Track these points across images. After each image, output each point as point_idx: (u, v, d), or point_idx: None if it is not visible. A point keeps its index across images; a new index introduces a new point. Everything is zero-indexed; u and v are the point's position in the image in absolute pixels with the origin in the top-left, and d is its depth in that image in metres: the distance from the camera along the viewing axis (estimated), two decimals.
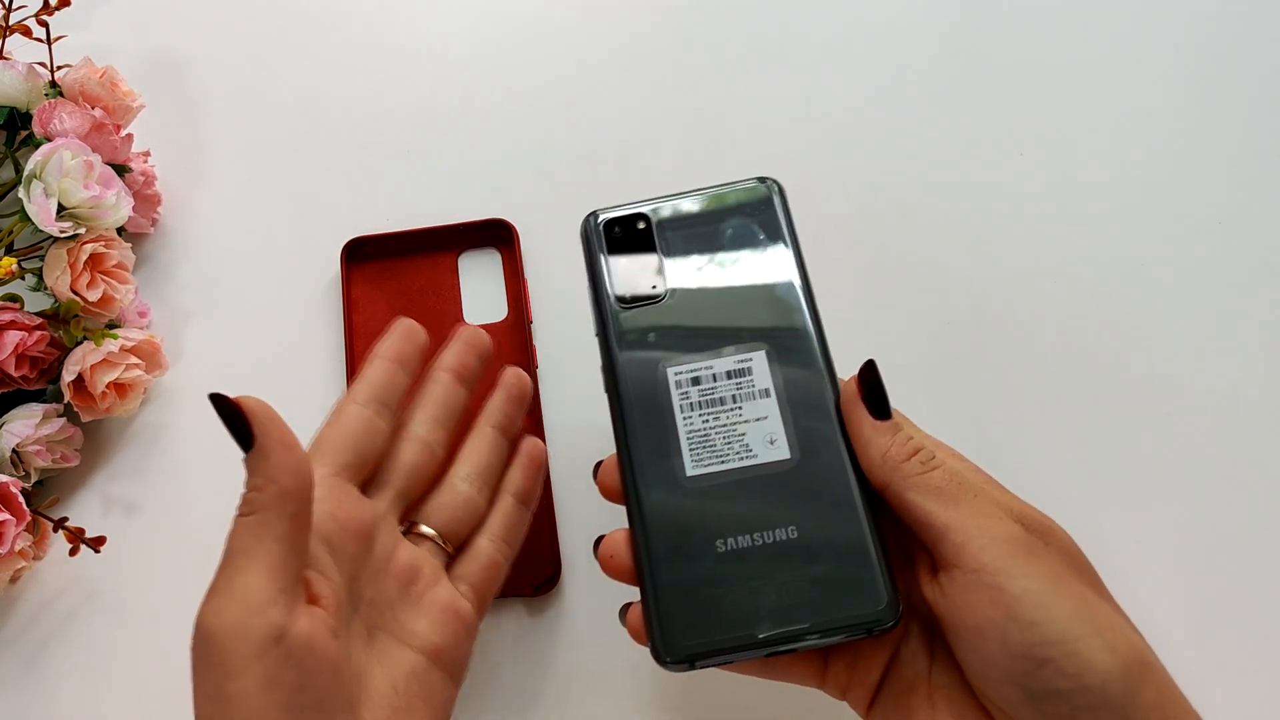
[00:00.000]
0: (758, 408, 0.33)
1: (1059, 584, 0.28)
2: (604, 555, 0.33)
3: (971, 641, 0.29)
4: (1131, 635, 0.28)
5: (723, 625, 0.30)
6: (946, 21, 0.56)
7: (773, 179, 0.37)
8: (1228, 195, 0.50)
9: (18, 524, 0.42)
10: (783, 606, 0.30)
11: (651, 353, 0.34)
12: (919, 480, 0.30)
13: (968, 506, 0.29)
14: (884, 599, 0.30)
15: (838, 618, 0.30)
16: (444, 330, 0.48)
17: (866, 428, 0.31)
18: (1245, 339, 0.47)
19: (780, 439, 0.32)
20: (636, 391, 0.34)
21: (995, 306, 0.48)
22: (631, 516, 0.32)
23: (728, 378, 0.34)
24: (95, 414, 0.46)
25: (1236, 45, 0.54)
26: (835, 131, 0.53)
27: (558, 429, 0.46)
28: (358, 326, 0.48)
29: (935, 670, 0.31)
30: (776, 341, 0.34)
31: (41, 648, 0.44)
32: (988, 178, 0.51)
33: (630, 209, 0.37)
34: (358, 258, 0.49)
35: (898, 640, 0.32)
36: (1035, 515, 0.31)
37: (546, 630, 0.43)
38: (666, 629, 0.30)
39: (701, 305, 0.35)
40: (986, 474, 0.32)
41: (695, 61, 0.55)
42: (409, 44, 0.57)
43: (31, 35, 0.48)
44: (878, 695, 0.32)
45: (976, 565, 0.28)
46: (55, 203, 0.44)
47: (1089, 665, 0.27)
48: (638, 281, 0.36)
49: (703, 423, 0.33)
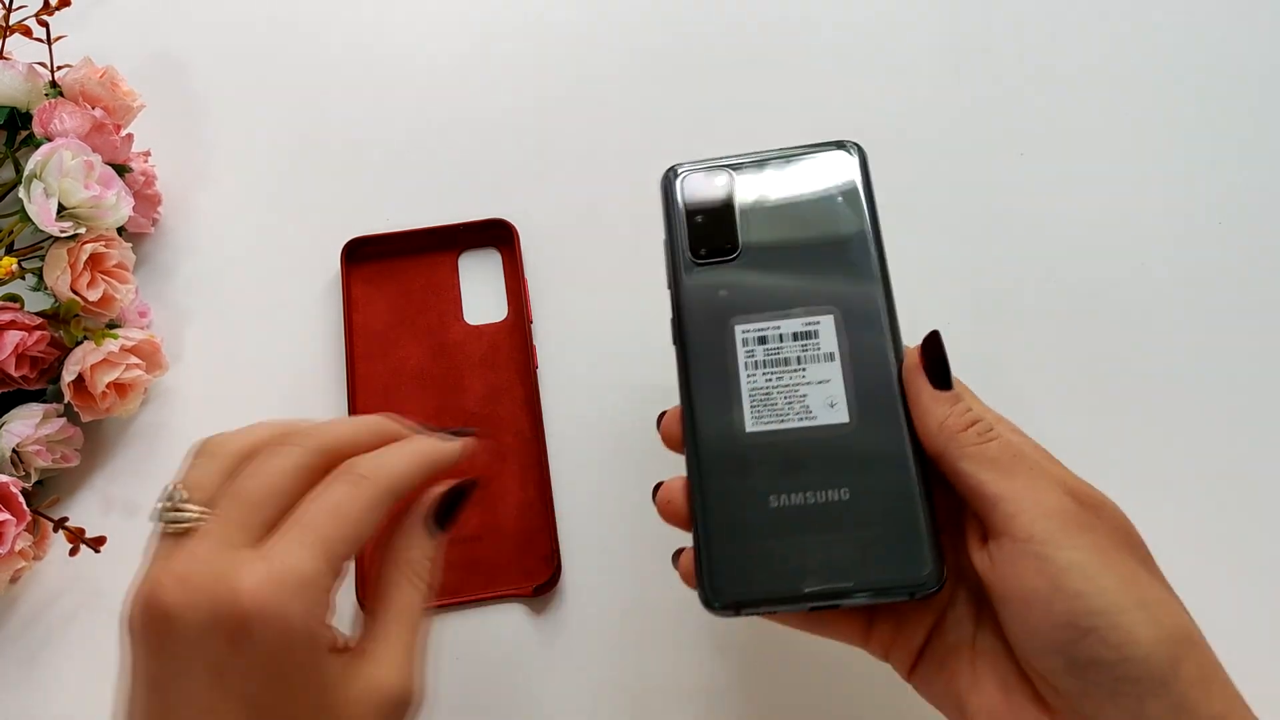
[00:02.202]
0: (821, 370, 0.33)
1: (1106, 557, 0.28)
2: (661, 501, 0.33)
3: (1017, 609, 0.29)
4: (1177, 610, 0.29)
5: (770, 577, 0.31)
6: (947, 22, 0.55)
7: (855, 142, 0.37)
8: (1228, 195, 0.50)
9: (18, 524, 0.42)
10: (829, 564, 0.31)
11: (721, 309, 0.35)
12: (975, 450, 0.30)
13: (1022, 478, 0.30)
14: (928, 564, 0.31)
15: (882, 579, 0.31)
16: (444, 330, 0.48)
17: (926, 396, 0.32)
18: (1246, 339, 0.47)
19: (840, 403, 0.33)
20: (703, 346, 0.34)
21: (996, 306, 0.48)
22: (690, 466, 0.33)
23: (794, 339, 0.34)
24: (95, 414, 0.46)
25: (1237, 45, 0.54)
26: (836, 131, 0.53)
27: (558, 428, 0.46)
28: (358, 326, 0.48)
29: (980, 637, 0.31)
30: (845, 306, 0.34)
31: (41, 648, 0.44)
32: (987, 178, 0.51)
33: (711, 164, 0.37)
34: (357, 258, 0.49)
35: (943, 605, 0.32)
36: (1089, 491, 0.31)
37: (547, 630, 0.43)
38: (715, 576, 0.31)
39: (774, 265, 0.35)
40: (1044, 450, 0.32)
41: (697, 62, 0.55)
42: (409, 43, 0.56)
43: (31, 35, 0.48)
44: (920, 658, 0.32)
45: (1026, 535, 0.29)
46: (55, 203, 0.44)
47: (1132, 636, 0.27)
48: (712, 237, 0.36)
49: (766, 381, 0.33)
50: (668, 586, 0.34)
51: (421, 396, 0.47)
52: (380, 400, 0.47)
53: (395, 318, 0.48)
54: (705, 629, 0.43)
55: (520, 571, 0.44)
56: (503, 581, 0.43)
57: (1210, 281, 0.48)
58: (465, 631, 0.43)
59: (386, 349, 0.48)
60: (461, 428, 0.35)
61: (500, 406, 0.47)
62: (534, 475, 0.45)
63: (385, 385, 0.47)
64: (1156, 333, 0.48)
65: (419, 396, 0.47)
